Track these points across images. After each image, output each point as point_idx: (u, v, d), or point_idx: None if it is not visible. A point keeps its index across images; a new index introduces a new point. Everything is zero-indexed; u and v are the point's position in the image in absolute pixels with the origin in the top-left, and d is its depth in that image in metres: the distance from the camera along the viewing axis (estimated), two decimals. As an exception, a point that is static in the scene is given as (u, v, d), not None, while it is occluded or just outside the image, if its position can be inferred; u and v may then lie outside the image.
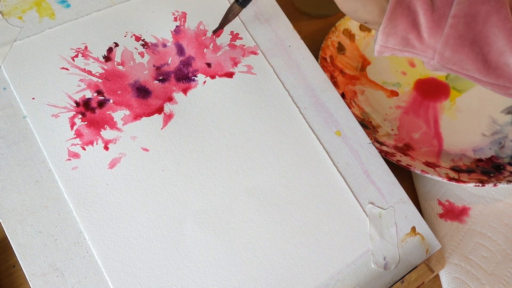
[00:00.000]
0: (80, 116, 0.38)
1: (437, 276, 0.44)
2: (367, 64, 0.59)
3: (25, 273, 0.33)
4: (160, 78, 0.42)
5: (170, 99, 0.41)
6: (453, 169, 0.49)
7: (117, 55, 0.41)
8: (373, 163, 0.44)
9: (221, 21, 0.43)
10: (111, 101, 0.39)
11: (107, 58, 0.41)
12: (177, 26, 0.44)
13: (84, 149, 0.37)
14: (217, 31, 0.43)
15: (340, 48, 0.58)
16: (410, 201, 0.43)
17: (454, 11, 0.35)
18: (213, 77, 0.43)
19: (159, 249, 0.36)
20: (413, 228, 0.42)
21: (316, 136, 0.43)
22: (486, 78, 0.36)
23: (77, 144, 0.37)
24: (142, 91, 0.41)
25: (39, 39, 0.40)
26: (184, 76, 0.42)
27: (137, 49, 0.42)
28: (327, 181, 0.42)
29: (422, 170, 0.46)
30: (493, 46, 0.35)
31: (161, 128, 0.40)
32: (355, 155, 0.44)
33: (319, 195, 0.41)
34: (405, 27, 0.37)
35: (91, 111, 0.39)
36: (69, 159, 0.37)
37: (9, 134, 0.37)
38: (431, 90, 0.57)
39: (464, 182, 0.46)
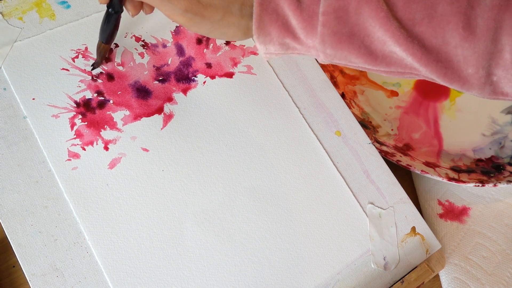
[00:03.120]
0: (80, 116, 0.38)
1: (437, 276, 0.43)
2: (367, 65, 0.59)
3: (25, 273, 0.33)
4: (160, 78, 0.42)
5: (170, 99, 0.41)
6: (453, 169, 0.49)
7: (117, 56, 0.41)
8: (373, 163, 0.44)
9: (97, 58, 0.40)
10: (111, 101, 0.39)
11: (107, 59, 0.41)
12: (177, 27, 0.44)
13: (84, 149, 0.38)
14: (97, 67, 0.40)
15: (340, 49, 0.58)
16: (410, 201, 0.43)
17: (323, 8, 0.33)
18: (213, 77, 0.43)
19: (159, 249, 0.36)
20: (413, 228, 0.42)
21: (316, 136, 0.43)
22: (377, 67, 0.35)
23: (77, 144, 0.38)
24: (142, 92, 0.41)
25: (40, 40, 0.40)
26: (184, 77, 0.42)
27: (137, 50, 0.42)
28: (327, 181, 0.42)
29: (422, 170, 0.46)
30: (373, 37, 0.32)
31: (161, 128, 0.40)
32: (355, 155, 0.44)
33: (319, 195, 0.41)
34: (279, 32, 0.34)
35: (91, 112, 0.39)
36: (69, 159, 0.37)
37: (9, 134, 0.37)
38: (431, 90, 0.57)
39: (464, 182, 0.46)
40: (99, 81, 0.40)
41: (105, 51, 0.39)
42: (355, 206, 0.41)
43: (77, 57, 0.40)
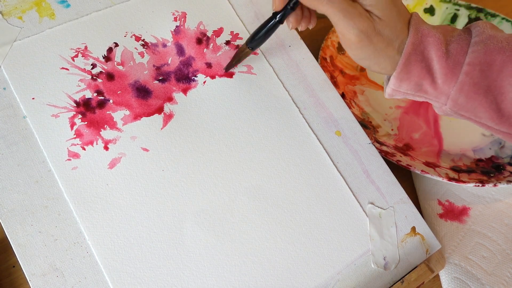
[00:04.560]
0: (80, 116, 0.38)
1: (437, 276, 0.43)
2: (367, 64, 0.59)
3: (25, 273, 0.33)
4: (160, 78, 0.42)
5: (170, 99, 0.41)
6: (453, 169, 0.49)
7: (117, 55, 0.41)
8: (373, 163, 0.44)
9: (232, 61, 0.42)
10: (111, 101, 0.39)
11: (107, 58, 0.41)
12: (177, 26, 0.44)
13: (84, 149, 0.37)
14: (229, 69, 0.43)
15: (340, 48, 0.58)
16: (410, 201, 0.43)
17: (469, 59, 0.35)
18: (213, 77, 0.43)
19: (159, 249, 0.36)
20: (413, 228, 0.42)
21: (316, 136, 0.43)
22: (498, 127, 0.36)
23: (77, 144, 0.37)
24: (142, 91, 0.41)
25: (39, 39, 0.40)
26: (184, 76, 0.42)
27: (137, 49, 0.42)
28: (327, 181, 0.42)
29: (422, 170, 0.46)
30: (507, 96, 0.34)
31: (161, 128, 0.40)
32: (355, 155, 0.44)
33: (319, 195, 0.41)
34: (419, 73, 0.36)
35: (91, 111, 0.39)
36: (69, 159, 0.37)
37: (9, 134, 0.37)
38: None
39: (464, 182, 0.46)
40: (99, 80, 0.40)
41: (246, 57, 0.41)
42: (355, 206, 0.41)
43: (76, 56, 0.40)
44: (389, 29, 0.36)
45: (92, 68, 0.40)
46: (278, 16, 0.38)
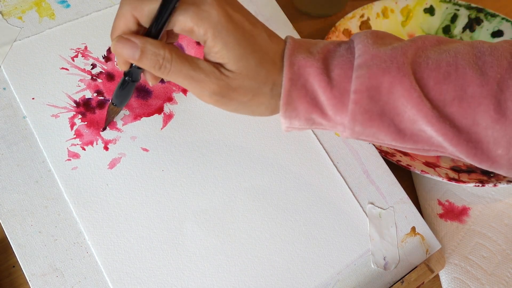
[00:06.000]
0: (80, 116, 0.38)
1: (437, 276, 0.43)
2: (367, 64, 0.59)
3: (25, 273, 0.33)
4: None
5: (170, 99, 0.41)
6: (453, 169, 0.49)
7: (117, 55, 0.41)
8: (373, 163, 0.44)
9: (106, 120, 0.38)
10: (111, 101, 0.39)
11: (107, 58, 0.41)
12: (177, 26, 0.44)
13: (84, 149, 0.37)
14: (105, 128, 0.39)
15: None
16: (410, 201, 0.43)
17: (355, 86, 0.32)
18: (213, 77, 0.43)
19: (159, 249, 0.36)
20: (413, 228, 0.42)
21: (316, 136, 0.43)
22: (403, 145, 0.34)
23: (77, 144, 0.37)
24: (142, 91, 0.41)
25: (39, 39, 0.40)
26: (184, 76, 0.42)
27: (137, 49, 0.42)
28: (327, 181, 0.42)
29: (422, 170, 0.46)
30: (403, 116, 0.32)
31: (161, 128, 0.40)
32: (355, 155, 0.44)
33: (319, 195, 0.41)
34: (306, 108, 0.33)
35: (91, 111, 0.39)
36: (69, 159, 0.37)
37: (9, 134, 0.37)
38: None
39: (464, 182, 0.46)
40: (99, 80, 0.40)
41: (116, 114, 0.38)
42: (355, 206, 0.41)
43: (76, 56, 0.40)
44: (250, 80, 0.32)
45: (92, 68, 0.40)
46: (127, 77, 0.34)
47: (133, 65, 0.33)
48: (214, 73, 0.31)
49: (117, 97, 0.36)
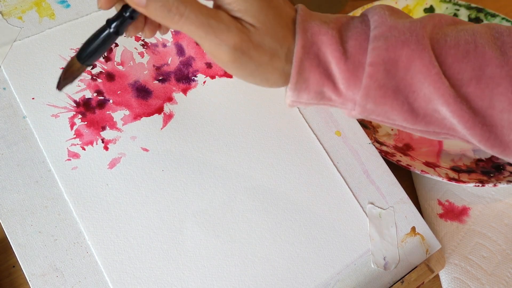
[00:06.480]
0: (80, 116, 0.38)
1: (437, 276, 0.43)
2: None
3: (25, 273, 0.33)
4: (160, 78, 0.42)
5: (170, 99, 0.41)
6: (453, 169, 0.49)
7: (117, 55, 0.41)
8: (373, 163, 0.44)
9: (61, 78, 0.31)
10: (111, 101, 0.39)
11: (107, 58, 0.41)
12: (177, 26, 0.44)
13: (84, 149, 0.37)
14: (61, 88, 0.32)
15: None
16: (410, 201, 0.43)
17: (371, 58, 0.29)
18: (213, 77, 0.43)
19: (159, 249, 0.36)
20: (413, 228, 0.42)
21: (316, 136, 0.43)
22: (414, 127, 0.32)
23: (77, 144, 0.37)
24: (142, 91, 0.41)
25: (39, 39, 0.40)
26: (184, 76, 0.42)
27: (137, 49, 0.42)
28: (327, 181, 0.42)
29: (422, 170, 0.46)
30: (419, 94, 0.30)
31: (161, 128, 0.40)
32: (355, 155, 0.44)
33: (319, 195, 0.41)
34: (318, 81, 0.31)
35: (91, 111, 0.39)
36: (69, 159, 0.37)
37: (9, 134, 0.37)
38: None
39: (464, 182, 0.46)
40: (99, 80, 0.40)
41: (79, 74, 0.31)
42: (355, 206, 0.41)
43: (77, 56, 0.40)
44: (270, 38, 0.29)
45: (92, 68, 0.40)
46: (112, 26, 0.28)
47: (124, 12, 0.28)
48: (235, 24, 0.28)
49: (86, 51, 0.29)
